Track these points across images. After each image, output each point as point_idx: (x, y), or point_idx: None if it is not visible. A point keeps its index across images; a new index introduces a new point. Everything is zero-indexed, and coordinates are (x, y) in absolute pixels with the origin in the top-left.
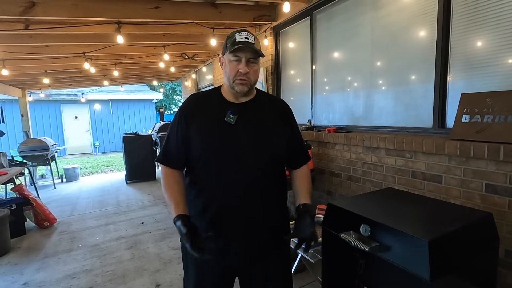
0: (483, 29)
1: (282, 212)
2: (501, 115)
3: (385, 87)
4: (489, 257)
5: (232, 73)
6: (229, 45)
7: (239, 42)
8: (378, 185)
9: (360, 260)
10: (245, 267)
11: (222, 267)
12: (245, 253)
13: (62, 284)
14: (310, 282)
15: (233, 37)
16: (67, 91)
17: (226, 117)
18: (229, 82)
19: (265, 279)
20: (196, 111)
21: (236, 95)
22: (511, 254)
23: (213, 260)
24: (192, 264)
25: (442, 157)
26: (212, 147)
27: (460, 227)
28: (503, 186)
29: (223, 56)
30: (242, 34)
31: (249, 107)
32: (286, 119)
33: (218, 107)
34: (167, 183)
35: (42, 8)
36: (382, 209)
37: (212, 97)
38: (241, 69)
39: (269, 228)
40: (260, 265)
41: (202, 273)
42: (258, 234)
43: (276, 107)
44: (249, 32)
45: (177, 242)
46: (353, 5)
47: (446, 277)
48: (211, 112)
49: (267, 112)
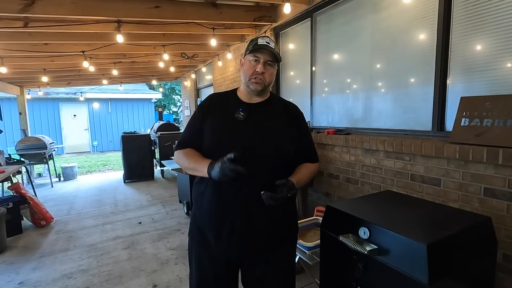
0: (483, 33)
1: (287, 210)
2: (500, 119)
3: (384, 89)
4: (488, 261)
5: (249, 72)
6: (251, 47)
7: (260, 45)
8: (376, 188)
9: (359, 263)
10: (246, 260)
11: (224, 259)
12: (247, 246)
13: (58, 284)
14: (307, 284)
15: (256, 41)
16: (65, 90)
17: (236, 114)
18: (245, 80)
19: (266, 272)
20: (212, 108)
21: (250, 94)
22: (509, 258)
23: (216, 252)
24: (195, 256)
25: (441, 160)
26: (220, 141)
27: (458, 231)
28: (502, 190)
29: (244, 57)
30: (263, 39)
31: (260, 107)
32: (296, 123)
33: (232, 105)
34: (185, 154)
35: (41, 6)
36: (380, 212)
37: (229, 97)
38: (258, 69)
39: (272, 223)
40: (262, 258)
41: (204, 265)
42: (260, 228)
43: (287, 111)
44: (270, 38)
45: (174, 243)
46: (353, 8)
47: (444, 281)
48: (225, 109)
49: (277, 115)
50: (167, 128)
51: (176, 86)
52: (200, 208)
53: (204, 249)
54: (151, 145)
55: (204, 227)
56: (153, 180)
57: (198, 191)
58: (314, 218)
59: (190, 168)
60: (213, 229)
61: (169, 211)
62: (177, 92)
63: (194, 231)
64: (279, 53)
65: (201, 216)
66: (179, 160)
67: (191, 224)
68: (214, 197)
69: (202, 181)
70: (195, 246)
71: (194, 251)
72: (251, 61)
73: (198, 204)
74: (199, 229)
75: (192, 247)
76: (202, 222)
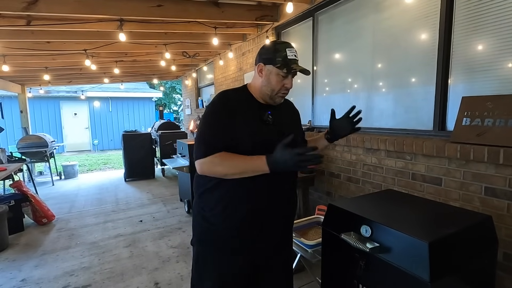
0: (485, 33)
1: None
2: (501, 119)
3: (386, 89)
4: (488, 260)
5: (278, 87)
6: (280, 59)
7: (291, 60)
8: (377, 187)
9: (360, 261)
10: (267, 262)
11: (246, 262)
12: (273, 249)
13: (60, 281)
14: (308, 283)
15: (284, 52)
16: (66, 88)
17: (266, 117)
18: (271, 93)
19: (279, 269)
20: (237, 108)
21: (267, 100)
22: (509, 257)
23: (238, 255)
24: (214, 265)
25: (442, 159)
26: (255, 143)
27: (460, 229)
28: (503, 189)
29: (266, 65)
30: (292, 51)
31: (277, 109)
32: (298, 118)
33: (254, 107)
34: (226, 159)
35: (45, 5)
36: (382, 210)
37: (246, 97)
38: (287, 85)
39: (290, 221)
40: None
41: (225, 271)
42: (283, 229)
43: (291, 108)
44: (295, 49)
45: (176, 241)
46: (355, 7)
47: (445, 278)
48: (249, 111)
49: (286, 113)
50: (168, 127)
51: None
52: (219, 214)
53: (224, 254)
54: (152, 144)
55: (226, 232)
56: (154, 178)
57: (215, 196)
58: (315, 217)
59: (238, 172)
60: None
61: (170, 209)
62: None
63: (209, 240)
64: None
65: (220, 222)
66: (213, 167)
67: (203, 234)
68: (238, 201)
69: (221, 185)
70: (211, 254)
71: (210, 260)
72: (279, 75)
73: (217, 209)
74: (217, 235)
75: (206, 256)
76: (224, 228)
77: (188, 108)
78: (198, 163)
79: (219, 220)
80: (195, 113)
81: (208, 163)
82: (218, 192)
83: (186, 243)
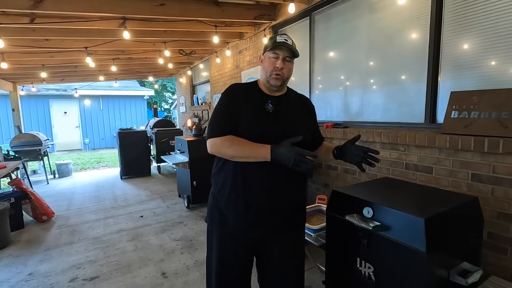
0: (471, 33)
1: (304, 194)
2: (485, 112)
3: (380, 85)
4: (475, 236)
5: (270, 68)
6: (270, 44)
7: (279, 42)
8: (373, 177)
9: (363, 239)
10: (265, 239)
11: (245, 239)
12: (269, 229)
13: (68, 273)
14: (309, 269)
15: (274, 38)
16: (55, 86)
17: (266, 106)
18: (266, 76)
19: (282, 251)
20: (243, 96)
21: (270, 89)
22: (493, 235)
23: (238, 233)
24: (216, 238)
25: (433, 149)
26: (255, 129)
27: (450, 208)
28: (487, 175)
29: (263, 54)
30: (282, 36)
31: (282, 100)
32: (310, 113)
33: (258, 96)
34: (234, 141)
35: (52, 3)
36: (381, 194)
37: (253, 88)
38: (278, 65)
39: (293, 207)
40: (279, 238)
41: (225, 246)
42: (282, 212)
43: (303, 103)
44: (288, 36)
45: (178, 234)
46: (350, 8)
47: (439, 251)
48: (254, 100)
49: (296, 106)
50: (163, 125)
51: (168, 83)
52: (223, 194)
53: (226, 231)
54: (148, 141)
55: (227, 211)
56: (150, 176)
57: (221, 177)
58: (317, 205)
59: (244, 156)
60: (238, 213)
61: (170, 205)
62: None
63: (216, 215)
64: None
65: (225, 201)
66: (223, 148)
67: (212, 209)
68: (240, 183)
69: (225, 168)
70: (216, 229)
71: (216, 233)
72: (271, 58)
73: (222, 190)
74: (221, 213)
75: (212, 230)
76: (226, 207)
77: (183, 106)
78: (209, 142)
79: (224, 199)
80: (190, 110)
81: (219, 145)
82: (224, 174)
83: (189, 236)
